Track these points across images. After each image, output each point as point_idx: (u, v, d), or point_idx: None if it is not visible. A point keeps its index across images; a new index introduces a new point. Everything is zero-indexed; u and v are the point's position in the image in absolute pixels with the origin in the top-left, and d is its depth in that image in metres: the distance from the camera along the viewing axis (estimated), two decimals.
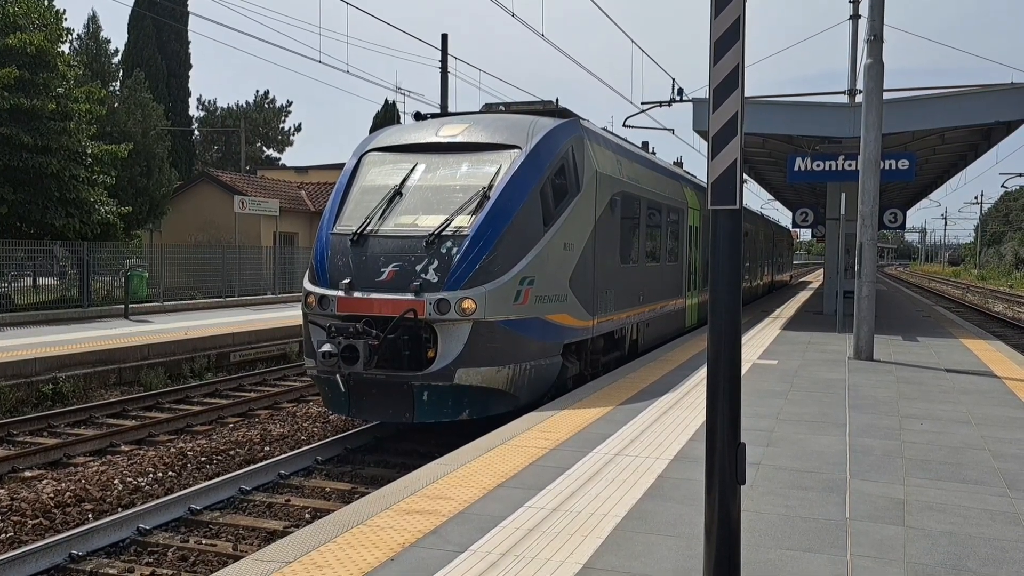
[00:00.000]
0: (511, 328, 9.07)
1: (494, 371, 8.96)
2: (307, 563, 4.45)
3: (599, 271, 11.21)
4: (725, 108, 3.46)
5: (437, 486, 5.83)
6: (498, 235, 9.08)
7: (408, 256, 9.06)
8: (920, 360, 12.82)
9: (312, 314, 9.39)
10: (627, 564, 4.46)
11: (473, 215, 9.24)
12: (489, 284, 8.88)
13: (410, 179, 9.93)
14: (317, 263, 9.61)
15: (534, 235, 9.51)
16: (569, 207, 10.22)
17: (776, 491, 5.80)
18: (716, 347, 3.50)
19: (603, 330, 11.55)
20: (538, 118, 10.72)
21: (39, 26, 22.53)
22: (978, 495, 5.79)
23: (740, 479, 3.50)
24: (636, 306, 13.38)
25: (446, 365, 8.75)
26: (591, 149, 11.15)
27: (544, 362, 9.64)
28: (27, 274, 22.68)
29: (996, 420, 8.36)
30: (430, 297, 8.77)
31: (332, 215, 9.98)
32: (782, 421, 8.11)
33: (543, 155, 9.92)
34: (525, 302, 9.23)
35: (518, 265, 9.18)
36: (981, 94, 16.75)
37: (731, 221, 3.47)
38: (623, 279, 12.49)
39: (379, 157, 10.55)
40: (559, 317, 9.90)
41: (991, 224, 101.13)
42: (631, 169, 13.25)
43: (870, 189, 12.72)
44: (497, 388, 9.08)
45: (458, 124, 10.60)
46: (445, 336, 8.82)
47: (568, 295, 10.13)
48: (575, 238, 10.37)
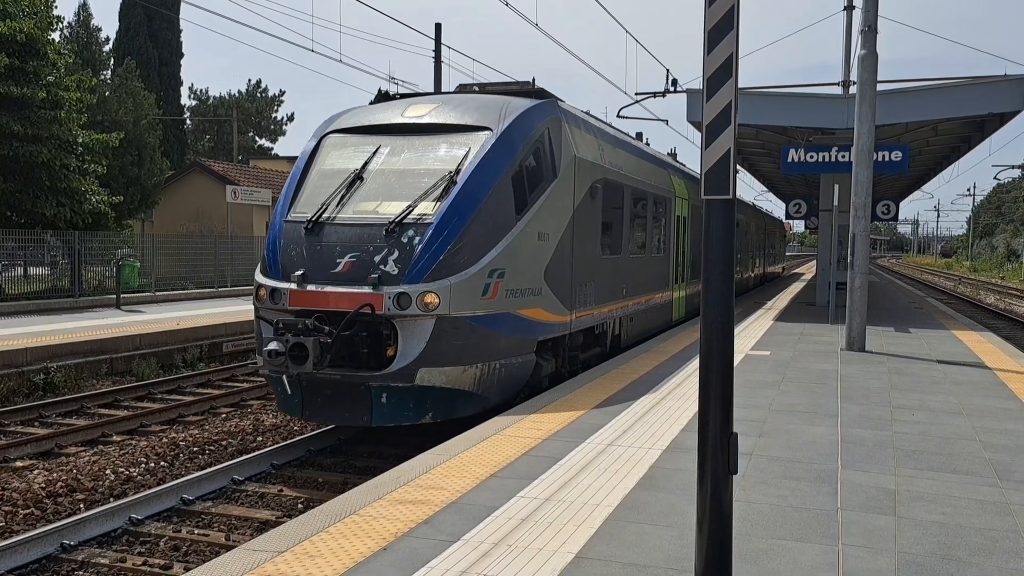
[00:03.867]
0: (479, 324, 8.42)
1: (459, 371, 8.33)
2: (299, 553, 4.45)
3: (578, 263, 10.58)
4: (719, 98, 3.44)
5: (430, 476, 5.83)
6: (465, 223, 8.42)
7: (366, 246, 8.38)
8: (912, 351, 12.87)
9: (263, 308, 8.72)
10: (619, 554, 4.46)
11: (438, 202, 8.56)
12: (454, 276, 8.22)
13: (372, 163, 9.25)
14: (269, 253, 8.92)
15: (505, 224, 8.83)
16: (544, 194, 9.55)
17: (768, 481, 5.81)
18: (709, 338, 3.50)
19: (582, 325, 10.96)
20: (512, 99, 10.03)
21: (29, 14, 22.35)
22: (969, 485, 5.82)
23: (732, 469, 3.50)
24: (619, 299, 12.79)
25: (406, 364, 8.08)
26: (569, 132, 10.48)
27: (516, 360, 9.02)
28: (18, 264, 22.59)
29: (987, 411, 8.40)
30: (389, 291, 8.11)
31: (287, 201, 9.29)
32: (774, 412, 8.14)
33: (516, 137, 9.23)
34: (494, 296, 8.57)
35: (487, 256, 8.52)
36: (974, 86, 16.76)
37: (724, 211, 3.46)
38: (604, 271, 11.89)
39: (340, 139, 9.82)
40: (532, 312, 9.28)
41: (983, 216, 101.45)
42: (614, 155, 12.60)
43: (863, 180, 12.74)
44: (463, 389, 8.45)
45: (425, 104, 9.93)
46: (406, 333, 8.15)
47: (543, 288, 9.50)
48: (551, 227, 9.71)
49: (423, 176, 8.91)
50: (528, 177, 9.34)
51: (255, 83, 61.73)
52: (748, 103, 17.20)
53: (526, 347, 9.21)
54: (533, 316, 9.31)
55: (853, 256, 13.00)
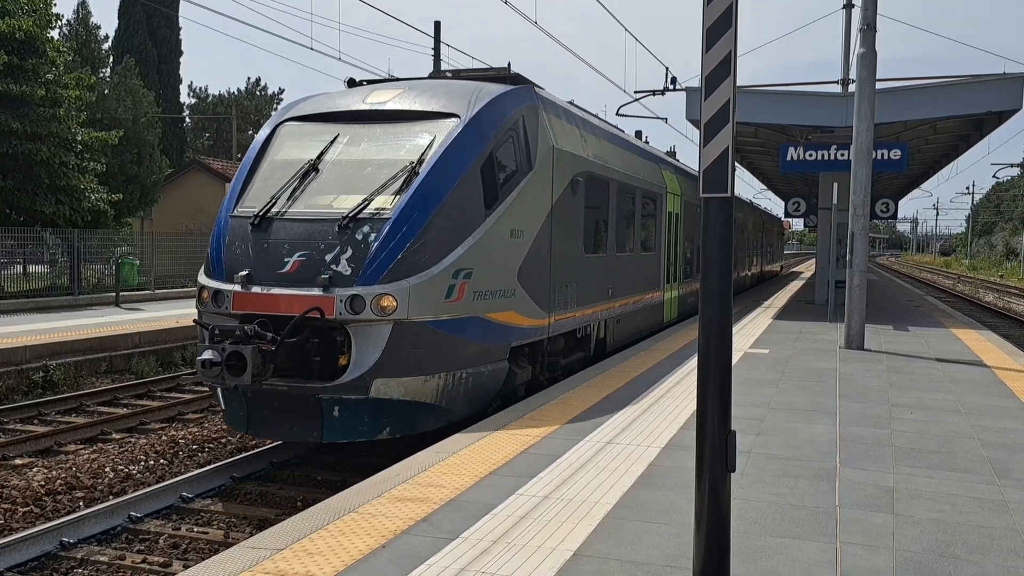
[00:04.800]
0: (442, 329, 7.71)
1: (420, 381, 7.61)
2: (298, 550, 4.45)
3: (557, 262, 9.87)
4: (717, 96, 3.45)
5: (429, 474, 5.83)
6: (427, 218, 7.70)
7: (317, 243, 7.68)
8: (911, 349, 12.88)
9: (206, 312, 7.98)
10: (618, 551, 4.47)
11: (398, 195, 7.84)
12: (414, 277, 7.50)
13: (329, 153, 8.53)
14: (212, 252, 8.22)
15: (473, 219, 8.14)
16: (518, 187, 8.82)
17: (766, 479, 5.82)
18: (707, 336, 3.51)
19: (562, 329, 10.25)
20: (484, 84, 9.30)
21: (28, 11, 22.34)
22: (967, 483, 5.83)
23: (730, 467, 3.51)
24: (604, 301, 12.09)
25: (361, 375, 7.34)
26: (547, 121, 9.74)
27: (485, 369, 8.29)
28: (17, 262, 22.57)
29: (985, 409, 8.41)
30: (341, 293, 7.38)
31: (234, 195, 8.56)
32: (773, 410, 8.14)
33: (486, 125, 8.51)
34: (460, 298, 7.87)
35: (451, 255, 7.80)
36: (973, 84, 16.76)
37: (723, 209, 3.47)
38: (587, 271, 11.19)
39: (296, 128, 9.09)
40: (504, 315, 8.56)
41: (982, 214, 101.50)
42: (598, 147, 11.84)
43: (862, 179, 12.75)
44: (424, 401, 7.74)
45: (390, 90, 9.19)
46: (360, 340, 7.42)
47: (516, 290, 8.78)
48: (525, 224, 9.00)
49: (383, 167, 8.20)
50: (499, 168, 8.63)
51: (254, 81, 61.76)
52: (747, 101, 17.20)
53: (497, 354, 8.52)
54: (505, 320, 8.59)
55: (852, 254, 13.01)
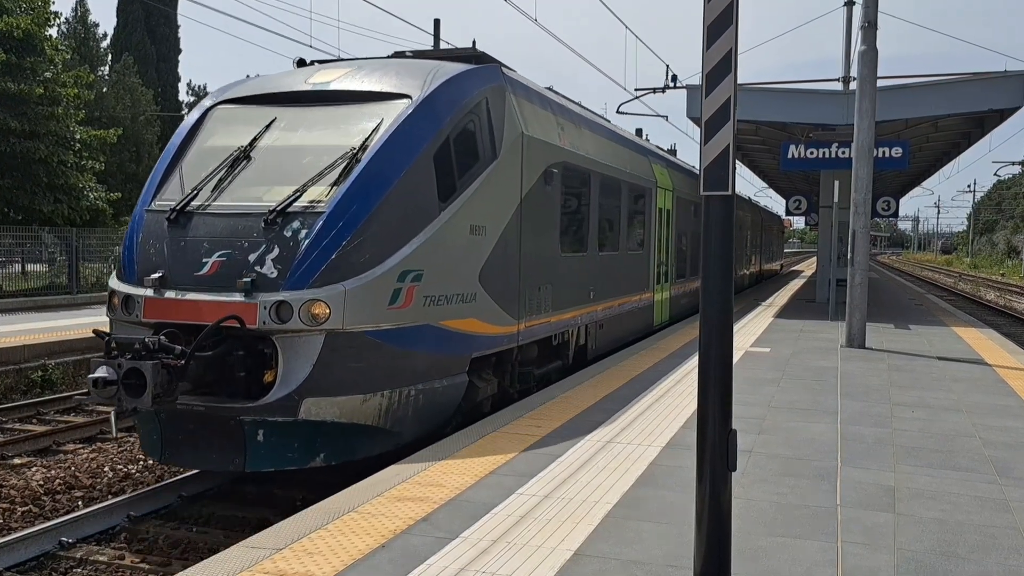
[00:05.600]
0: (385, 340, 6.79)
1: (358, 400, 6.69)
2: (297, 550, 4.44)
3: (528, 262, 9.03)
4: (718, 93, 3.43)
5: (429, 473, 5.82)
6: (368, 212, 6.81)
7: (240, 241, 6.77)
8: (912, 348, 12.86)
9: (117, 321, 7.10)
10: (618, 551, 4.45)
11: (335, 185, 6.97)
12: (351, 280, 6.58)
13: (263, 138, 7.65)
14: (125, 251, 7.33)
15: (424, 213, 7.25)
16: (480, 178, 7.97)
17: (767, 478, 5.80)
18: (708, 335, 3.49)
19: (534, 336, 9.38)
20: (444, 63, 8.50)
21: (26, 9, 22.32)
22: (968, 482, 5.81)
23: (731, 466, 3.49)
24: (584, 304, 11.22)
25: (288, 393, 6.42)
26: (515, 105, 8.87)
27: (439, 384, 7.39)
28: (15, 260, 22.56)
29: (987, 408, 8.39)
30: (265, 299, 6.45)
31: (152, 186, 7.65)
32: (774, 409, 8.13)
33: (441, 107, 7.67)
34: (407, 304, 6.96)
35: (397, 254, 6.90)
36: (975, 82, 16.74)
37: (723, 207, 3.44)
38: (565, 272, 10.32)
39: (229, 111, 8.20)
40: (463, 323, 7.69)
41: (984, 212, 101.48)
42: (577, 136, 10.94)
43: (863, 177, 12.72)
44: (364, 423, 6.83)
45: (337, 69, 8.40)
46: (288, 353, 6.49)
47: (478, 293, 7.93)
48: (489, 219, 8.13)
49: (323, 154, 7.31)
50: (458, 156, 7.76)
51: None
52: (748, 99, 17.18)
53: (454, 366, 7.61)
54: (463, 328, 7.71)
55: (853, 252, 12.99)
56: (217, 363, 6.54)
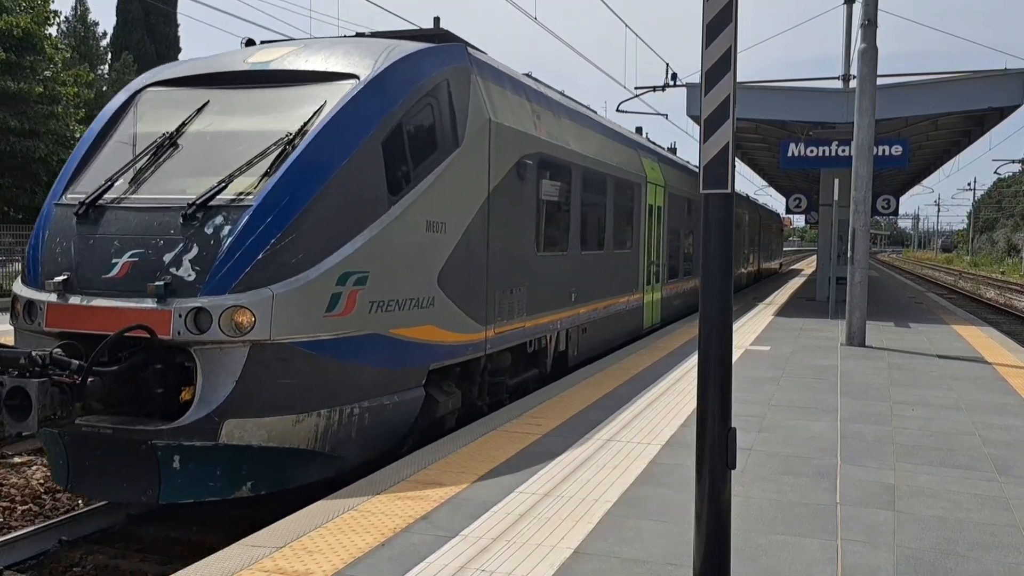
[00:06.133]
0: (322, 352, 6.01)
1: (290, 422, 5.91)
2: (297, 548, 4.44)
3: (498, 262, 8.27)
4: (717, 91, 3.43)
5: (428, 472, 5.82)
6: (301, 206, 6.02)
7: (154, 239, 5.97)
8: (912, 346, 12.86)
9: (20, 330, 6.37)
10: (618, 549, 4.46)
11: (267, 176, 6.18)
12: (280, 284, 5.80)
13: (192, 124, 6.86)
14: (30, 251, 6.58)
15: (370, 208, 6.47)
16: (439, 169, 7.19)
17: (767, 476, 5.81)
18: (707, 333, 3.49)
19: (506, 343, 8.62)
20: (400, 41, 7.70)
21: (26, 8, 22.32)
22: (968, 480, 5.81)
23: (731, 464, 3.49)
24: (565, 307, 10.48)
25: (207, 414, 5.66)
26: (482, 89, 8.11)
27: (389, 401, 6.63)
28: (16, 259, 22.56)
29: (987, 406, 8.39)
30: (180, 305, 5.67)
31: (65, 178, 6.91)
32: (774, 407, 8.13)
33: (393, 88, 6.89)
34: (349, 311, 6.17)
35: (337, 254, 6.11)
36: (974, 80, 16.74)
37: (723, 205, 3.44)
38: (542, 272, 9.58)
39: (159, 94, 7.40)
40: (419, 331, 6.92)
41: (984, 211, 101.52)
42: (556, 125, 10.18)
43: (863, 175, 12.73)
44: (299, 447, 6.05)
45: (281, 48, 7.65)
46: (208, 367, 5.72)
47: (436, 297, 7.15)
48: (449, 214, 7.36)
49: (257, 140, 6.52)
50: (411, 144, 6.97)
51: None
52: (748, 97, 17.17)
53: (407, 380, 6.85)
54: (419, 336, 6.94)
55: (853, 251, 12.99)
56: (129, 379, 5.76)
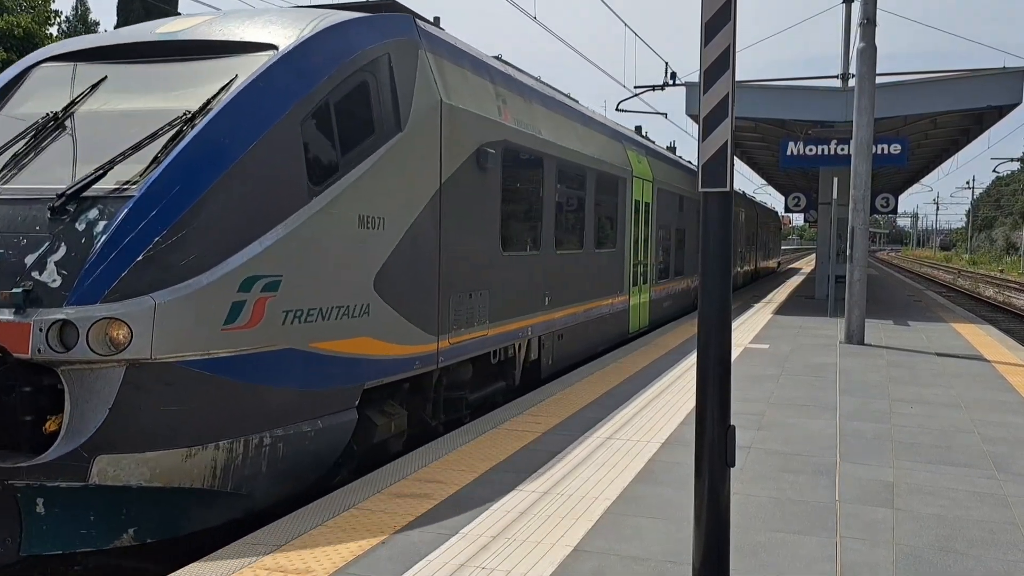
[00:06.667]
0: (219, 372, 5.04)
1: (179, 457, 4.91)
2: (297, 545, 4.45)
3: (453, 264, 7.43)
4: (716, 89, 3.43)
5: (428, 470, 5.83)
6: (195, 197, 5.05)
7: (16, 237, 5.02)
8: (911, 344, 12.88)
9: None
10: (617, 547, 4.47)
11: (156, 162, 5.22)
12: (165, 291, 4.84)
13: (83, 103, 5.92)
14: None
15: (285, 200, 5.50)
16: (374, 156, 6.26)
17: (766, 474, 5.82)
18: (706, 331, 3.50)
19: (465, 353, 7.78)
20: (332, 11, 6.81)
21: (27, 8, 22.33)
22: (967, 478, 5.83)
23: (730, 462, 3.50)
24: (537, 311, 9.63)
25: (75, 449, 4.69)
26: (432, 66, 7.23)
27: (311, 427, 5.66)
28: None
29: (986, 404, 8.40)
30: (42, 317, 4.73)
31: None
32: (773, 405, 8.14)
33: (317, 61, 5.99)
34: (255, 322, 5.21)
35: (240, 254, 5.15)
36: (973, 79, 16.75)
37: (721, 204, 3.45)
38: (509, 274, 8.74)
39: (54, 70, 6.45)
40: (350, 344, 6.01)
41: (982, 209, 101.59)
42: (526, 111, 9.27)
43: (862, 173, 12.74)
44: (191, 486, 5.06)
45: (195, 17, 6.80)
46: (77, 392, 4.76)
47: (373, 305, 6.24)
48: (389, 209, 6.43)
49: (153, 121, 5.58)
50: (340, 126, 6.07)
51: None
52: (747, 96, 17.18)
53: (335, 401, 5.91)
54: (350, 350, 6.03)
55: (852, 249, 13.01)
56: None
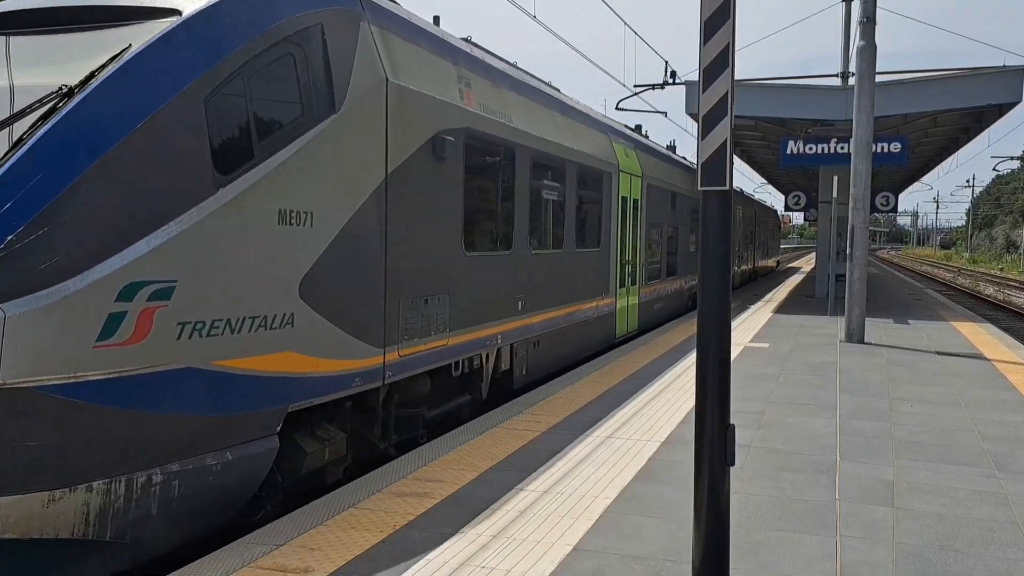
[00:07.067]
0: (92, 399, 4.24)
1: (38, 502, 4.13)
2: (297, 546, 4.45)
3: (403, 265, 6.56)
4: (715, 88, 3.43)
5: (429, 469, 5.83)
6: (62, 186, 4.24)
7: None
8: (911, 343, 12.88)
9: None
10: (617, 546, 4.47)
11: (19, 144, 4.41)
12: (20, 300, 4.04)
13: None
14: None
15: (182, 190, 4.68)
16: (300, 141, 5.38)
17: (766, 473, 5.82)
18: (705, 330, 3.50)
19: (420, 366, 6.93)
20: None
21: None
22: (967, 477, 5.82)
23: (729, 461, 3.50)
24: (508, 317, 8.79)
25: None
26: (377, 40, 6.37)
27: (217, 460, 4.85)
28: None
29: (986, 402, 8.40)
30: None
31: None
32: (773, 404, 8.14)
33: (230, 29, 5.12)
34: (140, 337, 4.42)
35: (119, 256, 4.35)
36: (973, 77, 16.74)
37: (721, 202, 3.45)
38: (474, 277, 7.93)
39: None
40: (267, 360, 5.15)
41: (983, 207, 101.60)
42: (494, 97, 8.47)
43: (862, 172, 12.74)
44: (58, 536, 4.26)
45: None
46: None
47: (298, 314, 5.36)
48: (319, 202, 5.52)
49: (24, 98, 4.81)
50: (256, 106, 5.18)
51: None
52: (747, 95, 17.18)
53: (249, 428, 5.05)
54: (267, 368, 5.16)
55: (852, 248, 13.01)
56: None
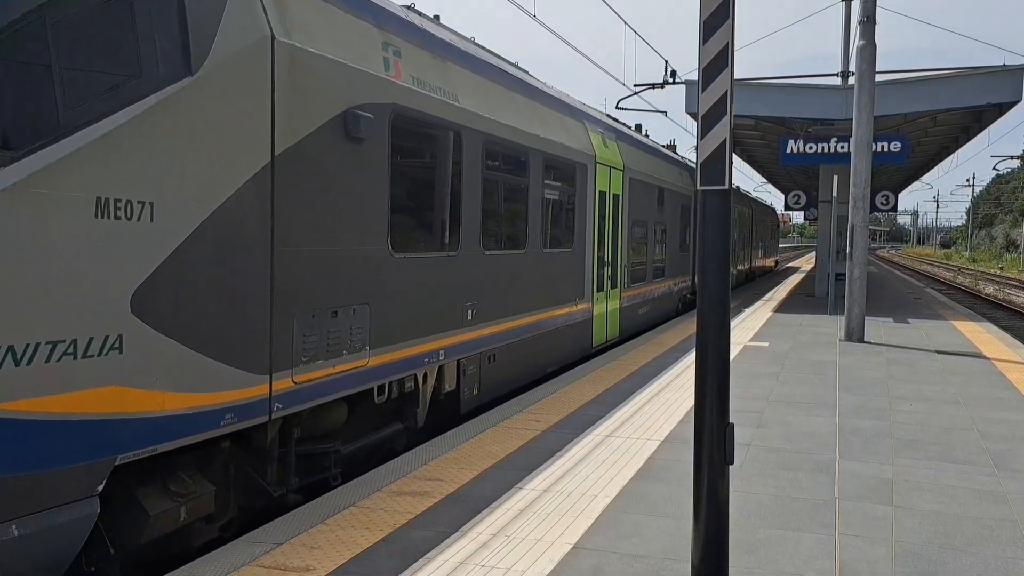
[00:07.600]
0: None
1: None
2: (297, 544, 4.46)
3: (300, 268, 5.45)
4: (715, 87, 3.44)
5: (429, 468, 5.84)
6: None
7: None
8: (911, 342, 12.89)
9: None
10: (617, 544, 4.48)
11: None
12: None
13: None
14: None
15: None
16: (132, 109, 4.21)
17: (766, 472, 5.83)
18: (705, 329, 3.51)
19: (327, 393, 5.77)
20: None
21: None
22: (966, 475, 5.83)
23: (729, 460, 3.51)
24: (454, 328, 7.67)
25: None
26: None
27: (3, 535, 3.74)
28: None
29: (985, 401, 8.41)
30: None
31: None
32: (772, 402, 8.15)
33: None
34: None
35: None
36: (973, 76, 16.74)
37: (720, 202, 3.46)
38: (404, 282, 6.78)
39: None
40: (85, 399, 4.01)
41: (982, 206, 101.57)
42: (433, 71, 7.35)
43: (862, 171, 12.75)
44: None
45: None
46: None
47: (130, 335, 4.20)
48: (163, 188, 4.39)
49: None
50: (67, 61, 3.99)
51: None
52: (747, 94, 17.19)
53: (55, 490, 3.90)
54: (85, 408, 4.01)
55: (852, 247, 13.02)
56: None
